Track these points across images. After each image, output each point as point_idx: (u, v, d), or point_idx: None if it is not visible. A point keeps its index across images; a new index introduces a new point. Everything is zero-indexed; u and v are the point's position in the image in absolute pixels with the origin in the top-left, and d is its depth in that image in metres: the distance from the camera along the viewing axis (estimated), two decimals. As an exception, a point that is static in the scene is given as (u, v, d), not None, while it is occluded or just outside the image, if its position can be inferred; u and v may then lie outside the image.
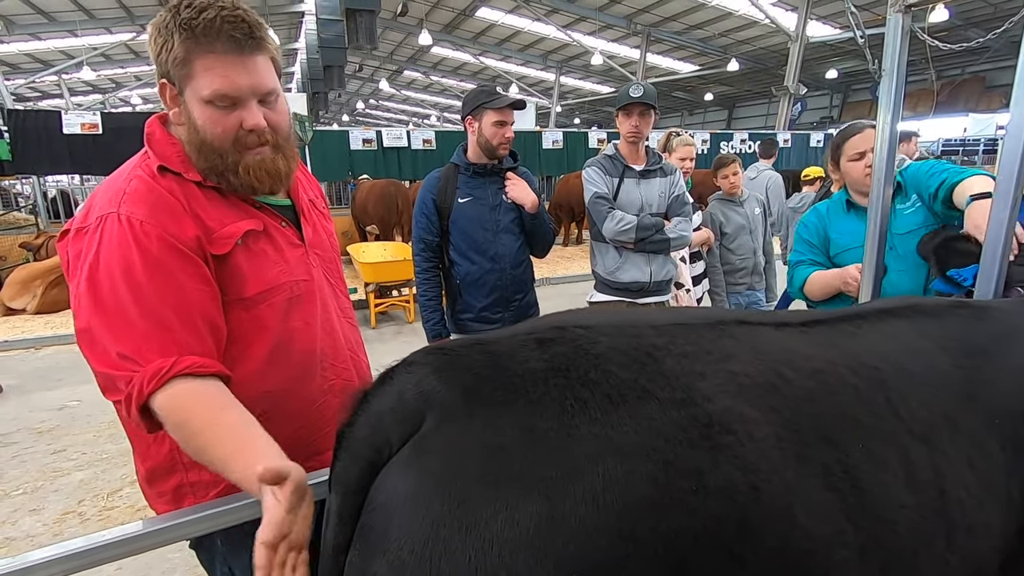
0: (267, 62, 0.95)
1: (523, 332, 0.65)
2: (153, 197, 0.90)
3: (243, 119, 0.93)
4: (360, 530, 0.58)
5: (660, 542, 0.51)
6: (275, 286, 1.02)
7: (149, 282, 0.86)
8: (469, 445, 0.54)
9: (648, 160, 2.43)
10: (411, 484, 0.54)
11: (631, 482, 0.52)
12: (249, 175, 0.96)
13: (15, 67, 16.99)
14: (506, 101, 2.13)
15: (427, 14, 16.06)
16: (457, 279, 2.25)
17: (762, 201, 3.25)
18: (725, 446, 0.57)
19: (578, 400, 0.57)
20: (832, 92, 22.24)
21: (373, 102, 30.37)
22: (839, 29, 14.81)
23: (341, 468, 0.61)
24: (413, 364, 0.63)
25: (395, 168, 8.39)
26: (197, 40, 0.88)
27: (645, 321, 0.70)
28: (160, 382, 0.81)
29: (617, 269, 2.37)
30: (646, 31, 16.17)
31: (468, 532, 0.50)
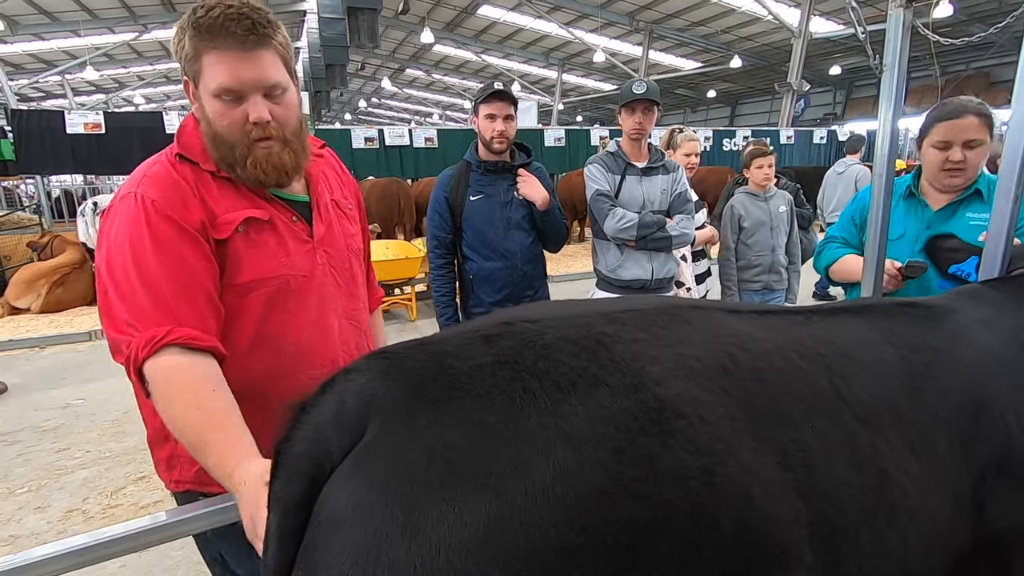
0: (273, 57, 0.98)
1: (469, 330, 0.64)
2: (168, 181, 0.98)
3: (248, 112, 0.98)
4: (303, 550, 0.56)
5: (610, 531, 0.51)
6: (269, 277, 1.05)
7: (153, 256, 0.93)
8: (414, 447, 0.53)
9: (650, 157, 2.43)
10: (354, 494, 0.52)
11: (582, 472, 0.52)
12: (256, 168, 1.01)
13: (19, 67, 17.05)
14: (488, 92, 2.15)
15: (429, 12, 16.04)
16: (470, 275, 2.32)
17: (790, 200, 3.14)
18: (676, 430, 0.57)
19: (527, 391, 0.55)
20: (836, 89, 22.11)
21: (375, 101, 30.35)
22: (842, 25, 14.72)
23: (279, 486, 0.58)
24: (354, 371, 0.61)
25: (397, 167, 8.40)
26: (202, 37, 0.94)
27: (596, 310, 0.70)
28: (153, 348, 0.87)
29: (618, 267, 2.37)
30: (648, 28, 16.12)
31: (413, 538, 0.48)
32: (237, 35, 0.94)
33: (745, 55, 17.37)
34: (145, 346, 0.88)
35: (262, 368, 1.06)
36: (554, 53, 19.88)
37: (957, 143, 1.55)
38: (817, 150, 11.89)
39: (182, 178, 1.00)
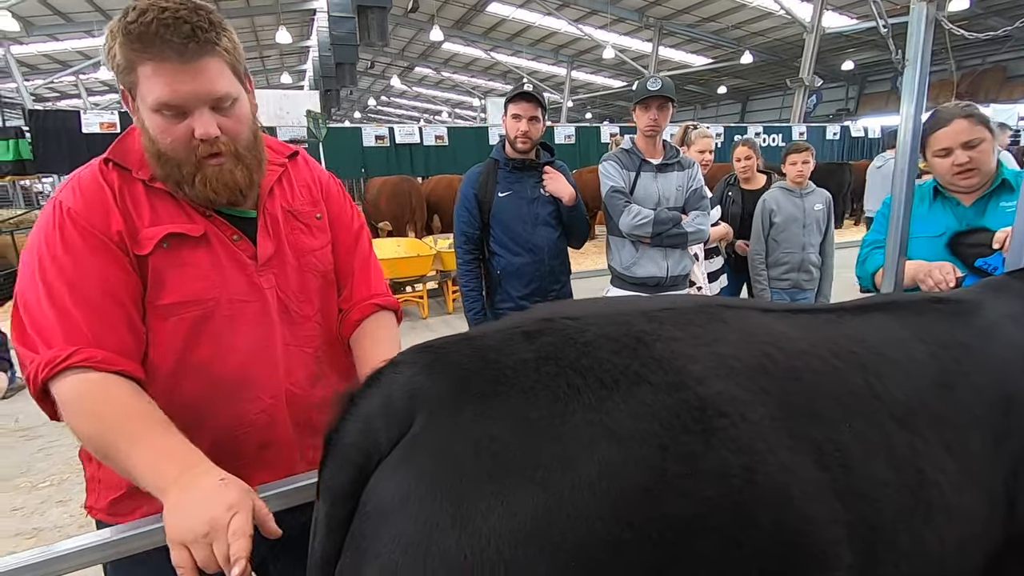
0: (219, 65, 0.88)
1: (509, 326, 0.65)
2: (92, 188, 0.90)
3: (193, 127, 0.88)
4: (351, 538, 0.57)
5: (656, 527, 0.51)
6: (196, 299, 0.95)
7: (64, 269, 0.86)
8: (461, 440, 0.54)
9: (665, 154, 2.42)
10: (403, 485, 0.54)
11: (627, 468, 0.52)
12: (206, 187, 0.92)
13: (34, 68, 17.26)
14: (516, 92, 2.21)
15: (438, 10, 16.04)
16: (497, 270, 2.37)
17: (829, 200, 3.07)
18: (719, 429, 0.57)
19: (571, 387, 0.56)
20: (848, 84, 21.87)
21: (384, 99, 30.43)
22: (856, 19, 14.56)
23: (329, 475, 0.59)
24: (400, 364, 0.62)
25: (407, 165, 8.42)
26: (134, 46, 0.82)
27: (633, 308, 0.70)
28: (53, 370, 0.81)
29: (633, 264, 2.37)
30: (658, 24, 16.02)
31: (463, 529, 0.49)
32: (174, 43, 0.82)
33: (756, 51, 17.22)
34: (46, 367, 0.80)
35: (191, 395, 0.95)
36: (563, 50, 19.82)
37: (956, 146, 1.62)
38: (830, 146, 11.78)
39: (107, 184, 0.91)
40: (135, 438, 0.77)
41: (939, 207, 1.73)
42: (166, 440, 0.77)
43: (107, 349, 0.84)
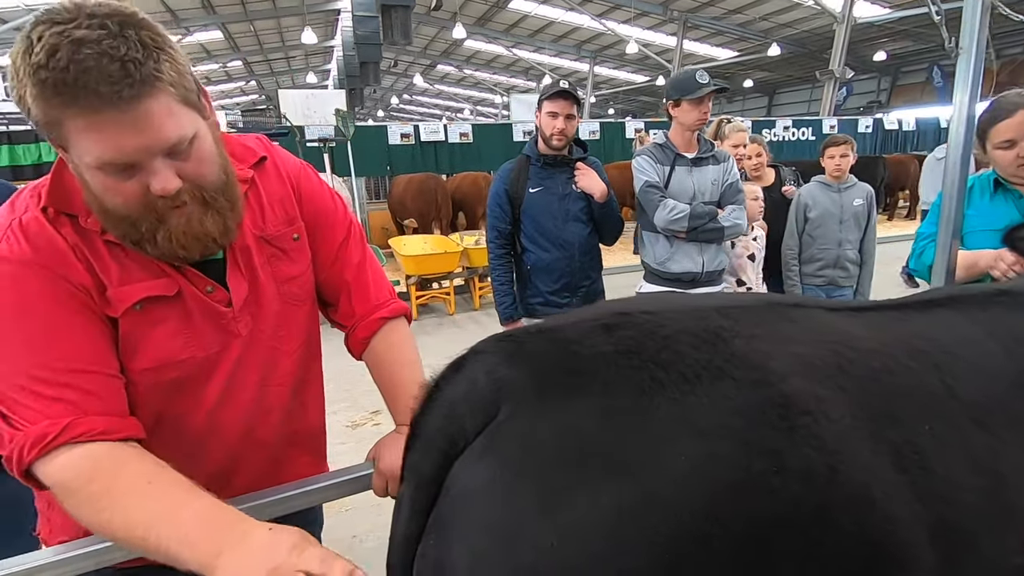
0: (166, 102, 0.68)
1: (588, 318, 0.65)
2: (41, 234, 0.75)
3: (148, 183, 0.71)
4: (435, 520, 0.58)
5: (742, 522, 0.51)
6: (169, 363, 0.83)
7: (32, 326, 0.72)
8: (547, 430, 0.54)
9: (700, 148, 2.40)
10: (489, 471, 0.54)
11: (713, 463, 0.52)
12: (171, 243, 0.76)
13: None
14: (553, 90, 2.21)
15: (460, 7, 16.08)
16: (528, 265, 2.39)
17: (870, 194, 2.98)
18: (802, 427, 0.56)
19: (654, 380, 0.56)
20: (880, 75, 21.29)
21: (407, 97, 30.66)
22: (889, 8, 14.15)
23: (416, 458, 0.60)
24: (483, 352, 0.62)
25: (432, 162, 8.46)
26: (51, 100, 0.63)
27: (705, 304, 0.70)
28: (44, 449, 0.69)
29: (668, 259, 2.35)
30: (683, 17, 15.81)
31: (550, 517, 0.50)
32: (104, 92, 0.63)
33: (784, 42, 16.87)
34: (33, 447, 0.68)
35: (166, 456, 0.78)
36: (586, 46, 19.70)
37: (1021, 138, 1.57)
38: (863, 139, 11.47)
39: (58, 233, 0.75)
40: (156, 521, 0.65)
41: (1001, 200, 1.68)
42: (194, 505, 0.67)
43: (107, 414, 0.74)
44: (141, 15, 0.68)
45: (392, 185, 8.15)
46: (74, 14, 0.63)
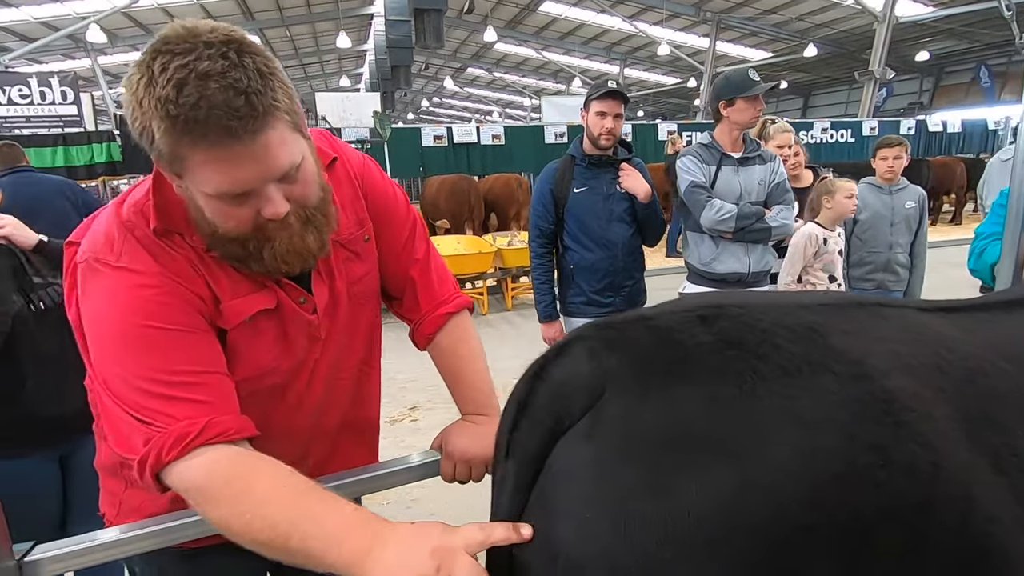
0: (281, 131, 0.71)
1: (682, 309, 0.66)
2: (158, 247, 0.78)
3: (259, 208, 0.74)
4: (539, 497, 0.60)
5: (847, 513, 0.51)
6: (267, 371, 0.87)
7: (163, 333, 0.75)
8: (653, 414, 0.55)
9: (746, 147, 2.37)
10: (597, 451, 0.56)
11: (818, 453, 0.52)
12: (276, 260, 0.79)
13: (116, 77, 18.53)
14: (602, 90, 2.22)
15: (491, 10, 16.18)
16: (571, 264, 2.41)
17: (922, 197, 2.91)
18: (907, 423, 0.56)
19: (756, 372, 0.57)
20: (923, 76, 20.63)
21: (437, 100, 30.96)
22: (932, 7, 13.71)
23: (522, 436, 0.62)
24: (587, 338, 0.64)
25: (464, 164, 8.54)
26: (181, 134, 0.64)
27: (792, 301, 0.70)
28: (185, 449, 0.70)
29: (713, 260, 2.34)
30: (716, 18, 15.61)
31: (661, 497, 0.51)
32: (231, 127, 0.65)
33: (821, 43, 16.49)
34: (174, 447, 0.70)
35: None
36: (616, 47, 19.61)
37: None
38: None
39: (174, 249, 0.78)
40: (299, 521, 0.66)
41: None
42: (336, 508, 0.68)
43: (233, 414, 0.76)
44: (248, 38, 0.69)
45: (425, 186, 8.24)
46: (192, 44, 0.64)
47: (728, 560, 0.50)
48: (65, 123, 7.00)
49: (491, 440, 0.96)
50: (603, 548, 0.52)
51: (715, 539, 0.49)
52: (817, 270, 2.57)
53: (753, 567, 0.50)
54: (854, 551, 0.52)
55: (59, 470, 1.53)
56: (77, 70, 9.48)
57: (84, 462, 1.51)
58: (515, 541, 0.59)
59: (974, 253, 1.77)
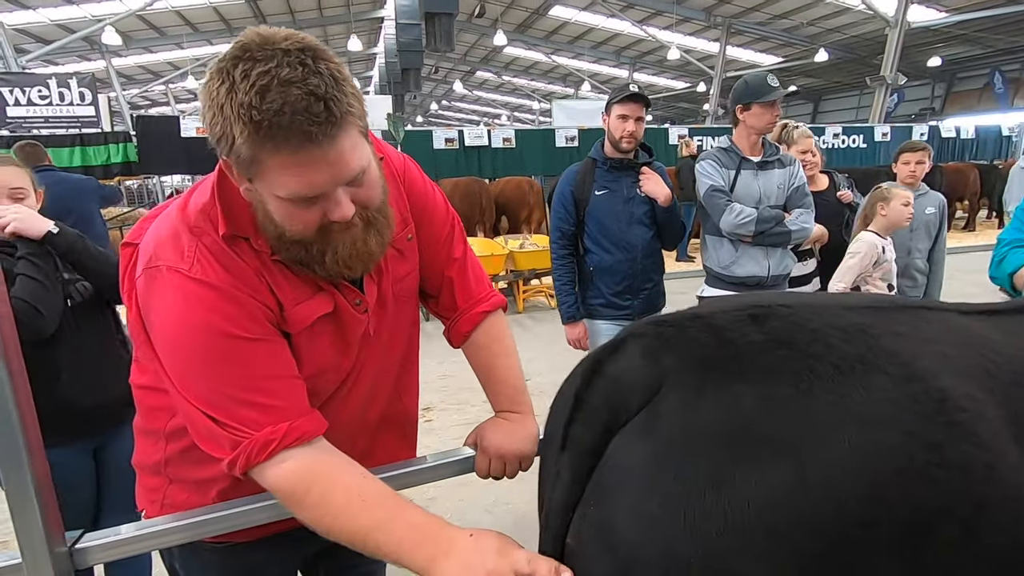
0: (352, 136, 0.72)
1: (732, 307, 0.67)
2: (227, 255, 0.79)
3: (327, 211, 0.76)
4: (596, 488, 0.61)
5: (906, 510, 0.52)
6: (325, 370, 0.89)
7: (240, 341, 0.77)
8: (711, 410, 0.57)
9: (765, 151, 2.38)
10: (656, 445, 0.57)
11: (876, 450, 0.53)
12: (339, 264, 0.81)
13: (130, 78, 18.75)
14: (624, 94, 2.24)
15: (501, 14, 16.25)
16: (591, 266, 2.42)
17: (942, 203, 2.91)
18: (960, 423, 0.57)
19: (811, 371, 0.58)
20: (934, 82, 20.51)
21: (446, 103, 31.08)
22: (944, 12, 13.64)
23: (578, 430, 0.64)
24: (642, 335, 0.65)
25: (475, 166, 8.57)
26: (263, 140, 0.66)
27: (838, 303, 0.71)
28: (272, 453, 0.75)
29: (733, 263, 2.34)
30: (726, 23, 15.59)
31: (722, 490, 0.52)
32: (311, 132, 0.67)
33: (831, 48, 16.44)
34: (262, 451, 0.74)
35: None
36: (625, 52, 19.63)
37: None
38: (917, 148, 11.06)
39: (242, 258, 0.80)
40: (371, 532, 0.72)
41: None
42: (404, 517, 0.73)
43: (307, 415, 0.80)
44: (320, 44, 0.70)
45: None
46: (271, 51, 0.66)
47: (788, 552, 0.51)
48: (83, 124, 7.10)
49: (525, 436, 0.98)
50: (664, 537, 0.53)
51: (776, 531, 0.51)
52: (876, 279, 2.55)
53: (813, 559, 0.51)
54: (913, 547, 0.53)
55: (94, 462, 1.56)
56: (92, 72, 9.61)
57: (117, 455, 1.54)
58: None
59: (995, 261, 1.76)
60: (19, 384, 0.72)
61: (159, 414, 0.93)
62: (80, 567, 0.81)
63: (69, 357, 1.47)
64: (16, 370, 0.72)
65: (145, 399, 0.95)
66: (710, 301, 0.70)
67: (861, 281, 2.57)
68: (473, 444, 1.00)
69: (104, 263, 1.53)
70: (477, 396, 4.03)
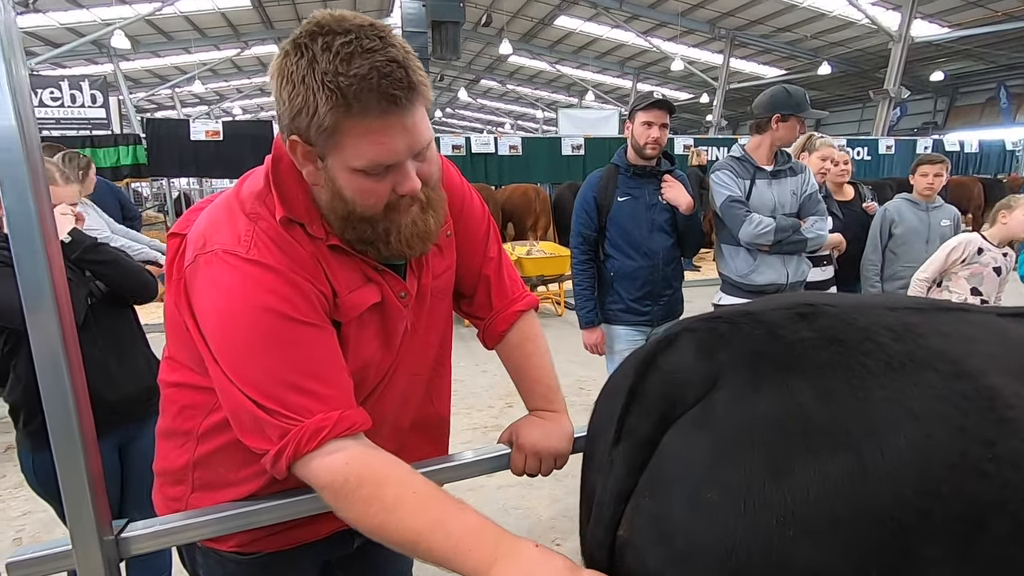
0: (422, 108, 0.75)
1: (779, 306, 0.68)
2: (287, 241, 0.79)
3: (396, 183, 0.77)
4: (650, 477, 0.62)
5: (959, 502, 0.54)
6: (370, 363, 0.89)
7: (295, 329, 0.76)
8: (768, 403, 0.58)
9: (777, 160, 2.41)
10: (714, 436, 0.58)
11: (931, 444, 0.55)
12: (401, 243, 0.82)
13: (137, 82, 18.86)
14: (649, 101, 2.28)
15: (507, 23, 16.38)
16: (611, 271, 2.44)
17: (957, 216, 2.95)
18: (1010, 419, 0.58)
19: (864, 367, 0.59)
20: (937, 96, 20.63)
21: (450, 111, 31.25)
22: (948, 28, 13.76)
23: (634, 421, 0.65)
24: (696, 330, 0.67)
25: (482, 173, 8.62)
26: (349, 105, 0.68)
27: (881, 303, 0.72)
28: (322, 441, 0.73)
29: (751, 271, 2.36)
30: (730, 35, 15.71)
31: (782, 480, 0.54)
32: (395, 96, 0.69)
33: (835, 61, 16.56)
34: (312, 438, 0.73)
35: None
36: (629, 62, 19.76)
37: None
38: (920, 161, 11.12)
39: (299, 243, 0.80)
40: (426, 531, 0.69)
41: None
42: (461, 518, 0.70)
43: (355, 407, 0.79)
44: (381, 23, 0.73)
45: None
46: (347, 25, 0.69)
47: (847, 540, 0.52)
48: (93, 126, 7.16)
49: (560, 434, 0.99)
50: (724, 528, 0.54)
51: (836, 519, 0.52)
52: (961, 277, 2.55)
53: (871, 548, 0.52)
54: (965, 538, 0.54)
55: (119, 458, 1.56)
56: (103, 75, 9.68)
57: (140, 451, 1.55)
58: None
59: (1021, 262, 1.78)
60: (76, 372, 0.74)
61: (193, 412, 0.91)
62: (125, 556, 0.82)
63: (93, 353, 1.48)
64: (74, 358, 0.74)
65: (178, 397, 0.93)
66: (755, 300, 0.71)
67: (944, 276, 2.56)
68: (508, 441, 1.00)
69: (123, 266, 1.55)
70: (482, 401, 4.05)
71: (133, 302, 1.66)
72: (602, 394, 0.74)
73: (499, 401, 3.96)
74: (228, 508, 0.87)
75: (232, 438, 0.84)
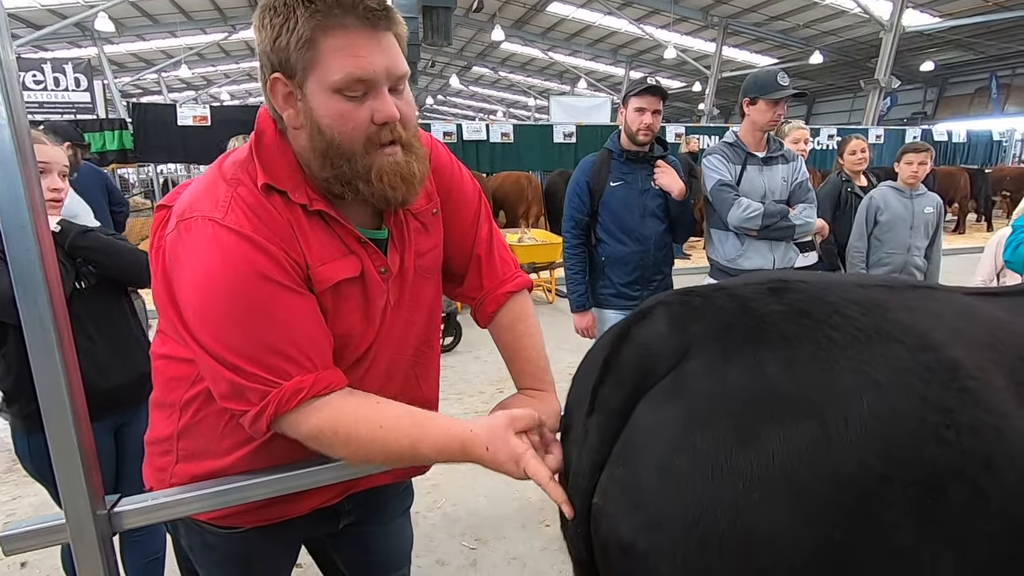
0: (399, 45, 0.81)
1: (752, 282, 0.70)
2: (264, 210, 0.80)
3: (374, 111, 0.79)
4: (624, 447, 0.64)
5: (919, 469, 0.56)
6: (349, 336, 0.90)
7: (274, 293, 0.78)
8: (737, 373, 0.60)
9: (769, 147, 2.43)
10: (684, 406, 0.60)
11: (893, 412, 0.57)
12: (382, 182, 0.82)
13: (122, 66, 18.51)
14: (642, 86, 2.28)
15: (499, 9, 16.22)
16: (602, 256, 2.46)
17: (939, 204, 3.00)
18: (971, 389, 0.61)
19: (829, 339, 0.61)
20: (927, 86, 20.73)
21: (441, 98, 30.97)
22: (939, 17, 13.80)
23: (607, 392, 0.67)
24: (670, 303, 0.69)
25: (473, 161, 8.57)
26: (325, 15, 0.74)
27: (851, 281, 0.74)
28: (299, 400, 0.78)
29: (739, 256, 2.39)
30: (723, 23, 15.66)
31: (749, 447, 0.56)
32: (370, 10, 0.75)
33: (826, 50, 16.57)
34: (292, 398, 0.77)
35: None
36: (622, 50, 19.66)
37: None
38: (909, 150, 11.20)
39: (276, 211, 0.81)
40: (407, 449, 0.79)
41: None
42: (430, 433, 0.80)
43: (332, 368, 0.83)
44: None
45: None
46: None
47: (811, 504, 0.54)
48: (78, 110, 7.04)
49: (548, 412, 1.00)
50: (692, 495, 0.57)
51: (799, 484, 0.54)
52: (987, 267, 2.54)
53: (834, 511, 0.55)
54: (924, 503, 0.57)
55: (114, 442, 1.57)
56: (88, 58, 9.50)
57: (137, 433, 1.55)
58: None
59: (1011, 246, 1.81)
60: (67, 349, 0.75)
61: (178, 384, 0.93)
62: (118, 530, 0.84)
63: (83, 342, 1.47)
64: (64, 336, 0.75)
65: (165, 369, 0.95)
66: (730, 277, 0.73)
67: (1001, 274, 2.51)
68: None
69: (114, 252, 1.53)
70: (473, 387, 4.08)
71: (133, 286, 1.65)
72: (580, 368, 0.76)
73: (490, 387, 3.99)
74: (220, 483, 0.89)
75: (214, 408, 0.87)
